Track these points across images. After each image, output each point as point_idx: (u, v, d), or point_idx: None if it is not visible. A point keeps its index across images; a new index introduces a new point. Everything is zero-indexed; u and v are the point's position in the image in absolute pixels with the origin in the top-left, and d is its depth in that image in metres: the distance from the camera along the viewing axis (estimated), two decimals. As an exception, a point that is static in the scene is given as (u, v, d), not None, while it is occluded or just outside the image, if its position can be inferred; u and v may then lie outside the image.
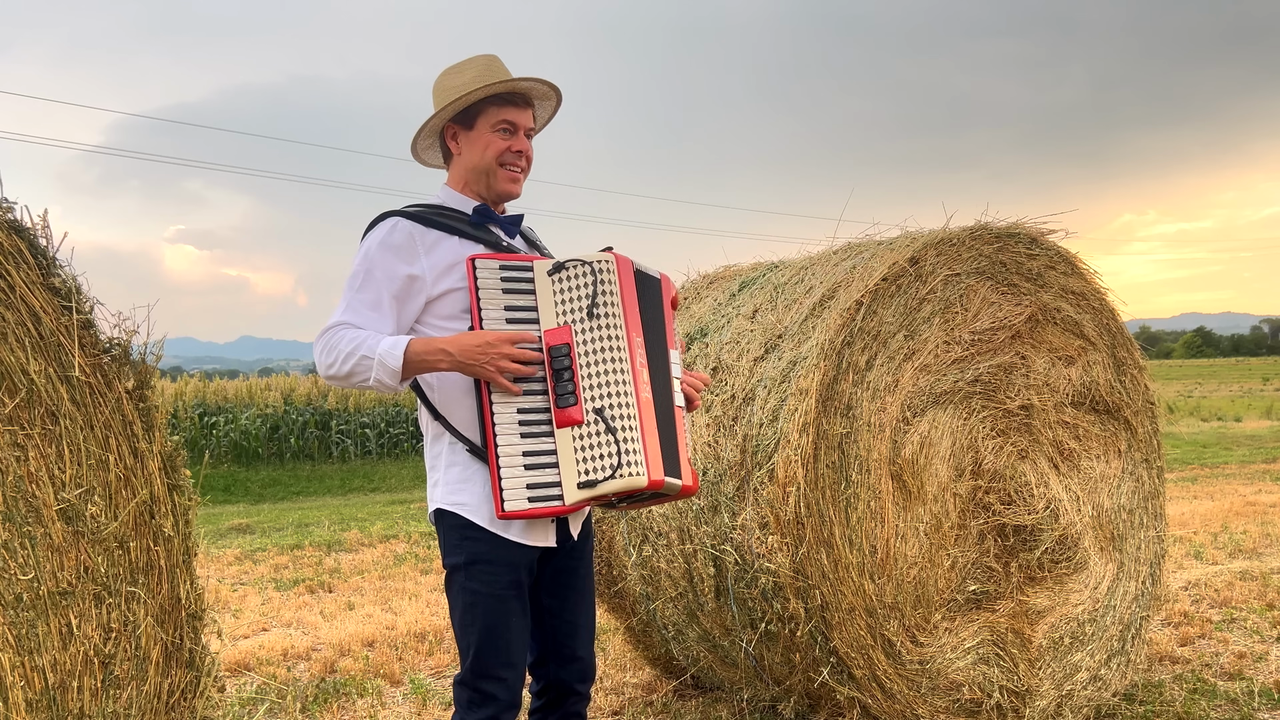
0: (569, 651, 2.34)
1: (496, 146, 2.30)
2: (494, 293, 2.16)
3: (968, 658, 3.44)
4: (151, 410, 2.37)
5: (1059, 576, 3.77)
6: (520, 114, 2.33)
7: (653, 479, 2.09)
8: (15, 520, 2.14)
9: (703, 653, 3.69)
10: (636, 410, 2.11)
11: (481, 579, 2.17)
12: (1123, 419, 4.07)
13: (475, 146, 2.31)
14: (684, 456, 2.21)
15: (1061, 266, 3.84)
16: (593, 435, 2.10)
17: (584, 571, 2.38)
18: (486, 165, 2.30)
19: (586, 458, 2.09)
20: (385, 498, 13.08)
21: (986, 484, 3.61)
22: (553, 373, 2.13)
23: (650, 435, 2.12)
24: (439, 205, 2.32)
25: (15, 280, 2.14)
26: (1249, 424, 21.51)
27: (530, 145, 2.37)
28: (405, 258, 2.19)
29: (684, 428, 2.26)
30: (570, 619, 2.34)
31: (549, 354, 2.14)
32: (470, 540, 2.18)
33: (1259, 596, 5.35)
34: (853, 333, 3.26)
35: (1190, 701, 3.80)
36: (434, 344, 2.10)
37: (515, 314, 2.16)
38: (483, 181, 2.32)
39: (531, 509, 2.10)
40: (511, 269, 2.18)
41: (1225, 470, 12.56)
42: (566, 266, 2.17)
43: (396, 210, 2.27)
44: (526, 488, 2.10)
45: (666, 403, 2.22)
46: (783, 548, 3.08)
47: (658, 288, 2.31)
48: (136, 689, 2.32)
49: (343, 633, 5.06)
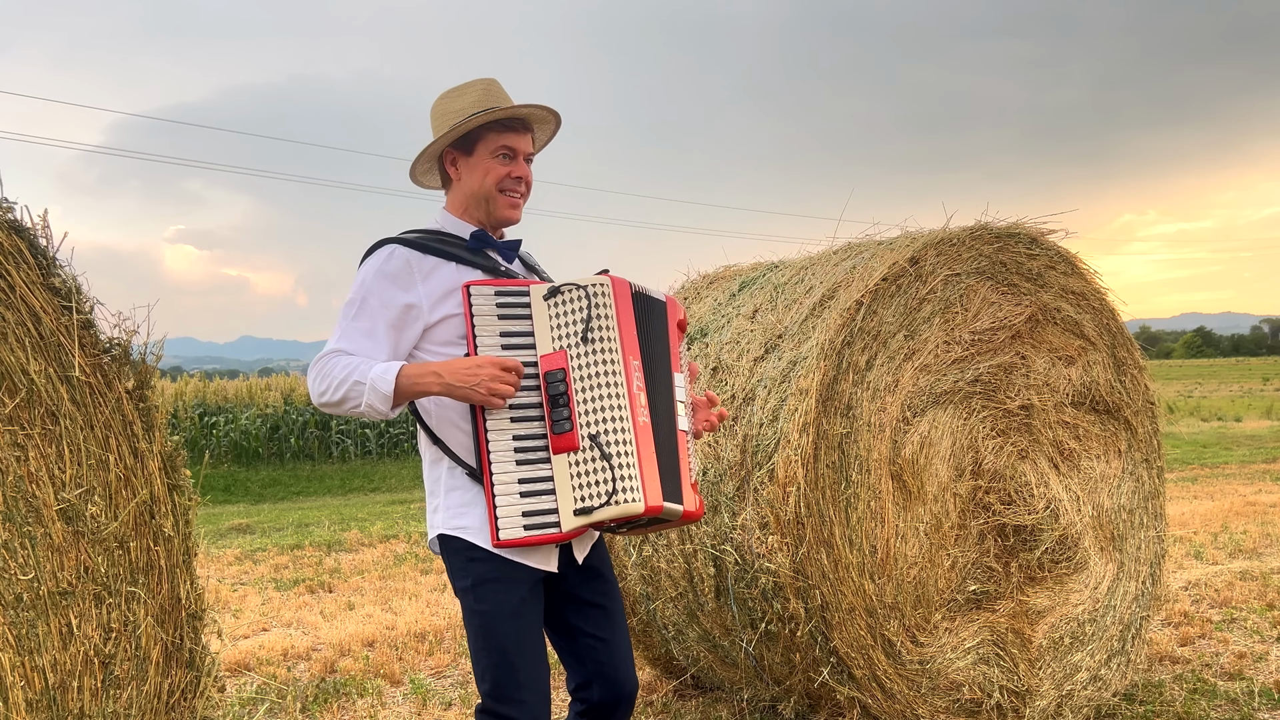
0: (610, 673, 2.29)
1: (496, 173, 2.29)
2: (489, 319, 2.14)
3: (968, 658, 3.44)
4: (151, 410, 2.37)
5: (1059, 576, 3.77)
6: (520, 139, 2.32)
7: (649, 505, 2.07)
8: (15, 520, 2.14)
9: (703, 653, 3.69)
10: (633, 436, 2.09)
11: (491, 599, 2.15)
12: (1123, 419, 4.07)
13: (475, 173, 2.30)
14: (686, 481, 2.18)
15: (1061, 266, 3.84)
16: (588, 462, 2.08)
17: (608, 588, 2.34)
18: (486, 192, 2.30)
19: (582, 484, 2.08)
20: (385, 498, 13.09)
21: (986, 484, 3.61)
22: (549, 398, 2.12)
23: (648, 461, 2.10)
24: (436, 231, 2.32)
25: (15, 280, 2.15)
26: (1249, 424, 21.51)
27: (530, 170, 2.36)
28: (402, 285, 2.19)
29: (687, 452, 2.23)
30: (605, 637, 2.30)
31: (544, 380, 2.13)
32: (475, 562, 2.16)
33: (1259, 596, 5.35)
34: (853, 333, 3.26)
35: (1190, 701, 3.80)
36: (426, 367, 2.10)
37: (511, 339, 2.14)
38: (483, 208, 2.32)
39: (527, 537, 2.09)
40: (507, 294, 2.17)
41: (1225, 470, 12.56)
42: (562, 291, 2.15)
43: (393, 237, 2.26)
44: (522, 515, 2.09)
45: (668, 427, 2.19)
46: (783, 548, 3.08)
47: (662, 311, 2.28)
48: (136, 689, 2.32)
49: (343, 633, 5.06)
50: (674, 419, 2.22)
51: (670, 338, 2.28)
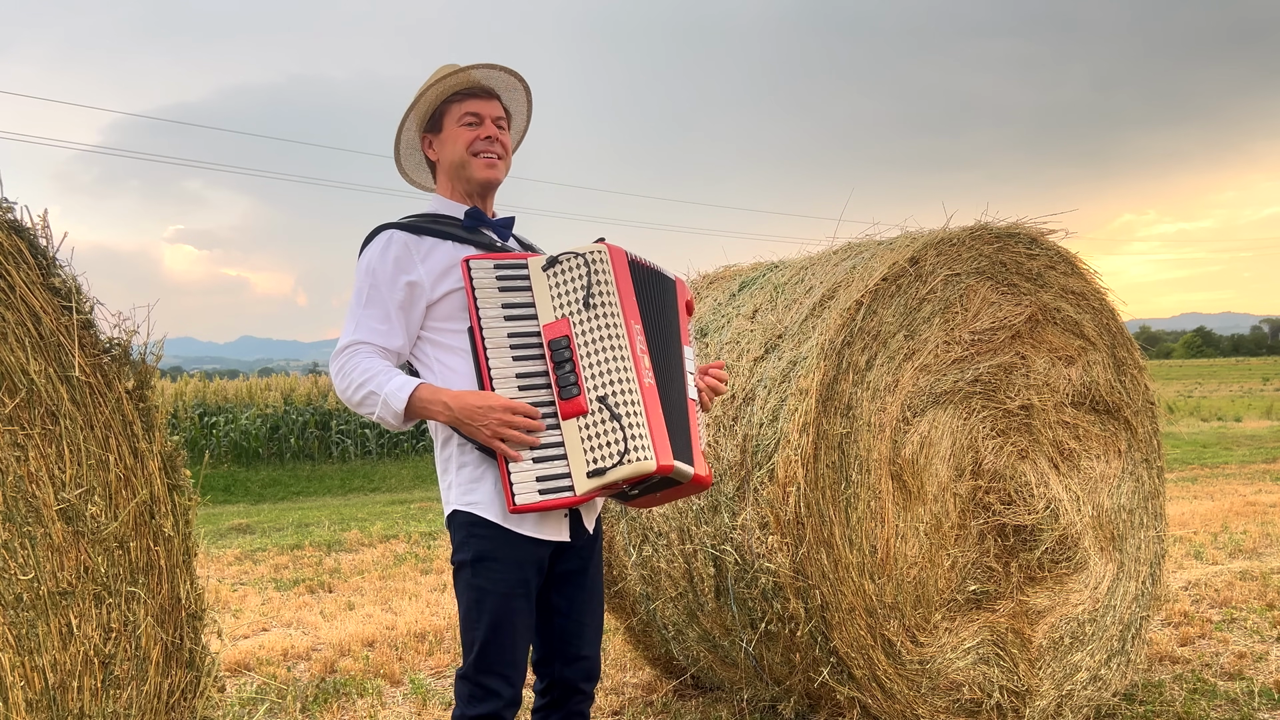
0: (574, 650, 2.34)
1: (465, 137, 2.32)
2: (490, 292, 2.17)
3: (968, 658, 3.44)
4: (151, 410, 2.37)
5: (1059, 576, 3.77)
6: (484, 104, 2.35)
7: (661, 463, 2.08)
8: (15, 520, 2.14)
9: (703, 653, 3.69)
10: (640, 396, 2.12)
11: (488, 576, 2.18)
12: (1123, 419, 4.07)
13: (447, 146, 2.35)
14: (697, 448, 2.22)
15: (1061, 266, 3.85)
16: (598, 424, 2.10)
17: (593, 571, 2.39)
18: (460, 158, 2.33)
19: (594, 445, 2.10)
20: (385, 498, 13.09)
21: (986, 484, 3.61)
22: (554, 365, 2.14)
23: (656, 420, 2.12)
24: (431, 214, 2.35)
25: (15, 280, 2.15)
26: (1249, 424, 21.52)
27: (504, 134, 2.38)
28: (404, 267, 2.22)
29: (697, 420, 2.26)
30: (577, 618, 2.35)
31: (549, 348, 2.15)
32: (477, 538, 2.19)
33: (1259, 596, 5.35)
34: (853, 333, 3.26)
35: (1190, 701, 3.80)
36: (437, 395, 2.13)
37: (512, 311, 2.17)
38: (461, 176, 2.35)
39: (543, 501, 2.11)
40: (506, 267, 2.19)
41: (1225, 470, 12.57)
42: (560, 260, 2.18)
43: (389, 223, 2.29)
44: (536, 480, 2.11)
45: (679, 394, 2.23)
46: (783, 548, 3.08)
47: (671, 287, 2.33)
48: (136, 689, 2.32)
49: (343, 633, 5.06)
50: (685, 387, 2.25)
51: (680, 314, 2.32)
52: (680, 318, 2.32)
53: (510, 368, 2.15)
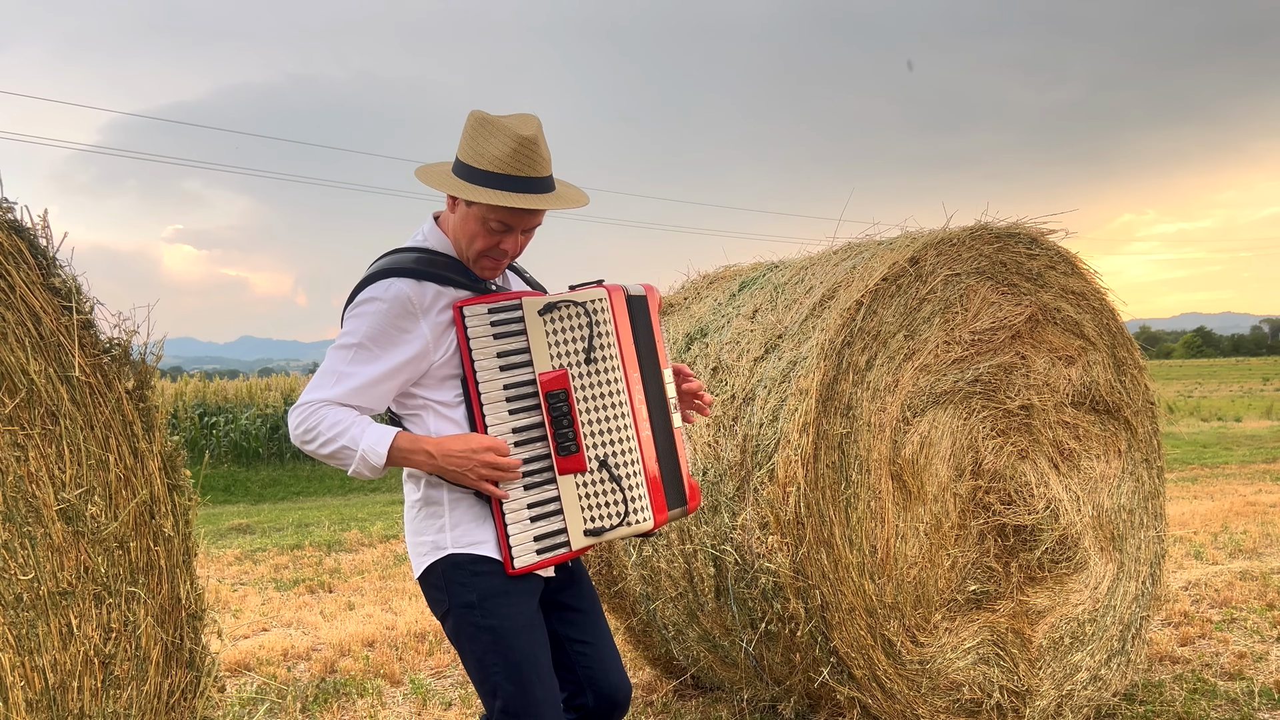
0: (603, 677, 2.26)
1: (483, 243, 2.11)
2: (485, 340, 2.08)
3: (968, 658, 3.44)
4: (151, 410, 2.37)
5: (1059, 576, 3.77)
6: (523, 219, 2.11)
7: (659, 521, 2.13)
8: (15, 520, 2.14)
9: (703, 653, 3.68)
10: (639, 454, 2.12)
11: (500, 614, 2.09)
12: (1123, 419, 4.07)
13: (464, 226, 2.12)
14: (685, 473, 2.23)
15: (1061, 266, 3.84)
16: (598, 483, 2.10)
17: (584, 590, 2.32)
18: (468, 251, 2.15)
19: (591, 505, 2.10)
20: (385, 498, 13.09)
21: (986, 484, 3.61)
22: (551, 419, 2.09)
23: (654, 476, 2.14)
24: (427, 251, 2.17)
25: (15, 280, 2.14)
26: (1249, 424, 21.52)
27: (523, 240, 2.16)
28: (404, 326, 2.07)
29: (683, 447, 2.25)
30: (594, 641, 2.27)
31: (545, 399, 2.09)
32: (482, 575, 2.09)
33: (1259, 596, 5.34)
34: (853, 333, 3.26)
35: (1190, 701, 3.80)
36: (418, 443, 2.04)
37: (508, 359, 2.09)
38: (461, 255, 2.17)
39: (541, 560, 2.10)
40: (500, 311, 2.09)
41: (1225, 470, 12.57)
42: (558, 306, 2.09)
43: (387, 269, 2.11)
44: (534, 540, 2.09)
45: (666, 430, 2.20)
46: (783, 548, 3.08)
47: (645, 306, 2.23)
48: (136, 689, 2.32)
49: (343, 633, 5.06)
50: (669, 419, 2.24)
51: (655, 333, 2.23)
52: (658, 339, 2.23)
53: (506, 422, 2.09)
